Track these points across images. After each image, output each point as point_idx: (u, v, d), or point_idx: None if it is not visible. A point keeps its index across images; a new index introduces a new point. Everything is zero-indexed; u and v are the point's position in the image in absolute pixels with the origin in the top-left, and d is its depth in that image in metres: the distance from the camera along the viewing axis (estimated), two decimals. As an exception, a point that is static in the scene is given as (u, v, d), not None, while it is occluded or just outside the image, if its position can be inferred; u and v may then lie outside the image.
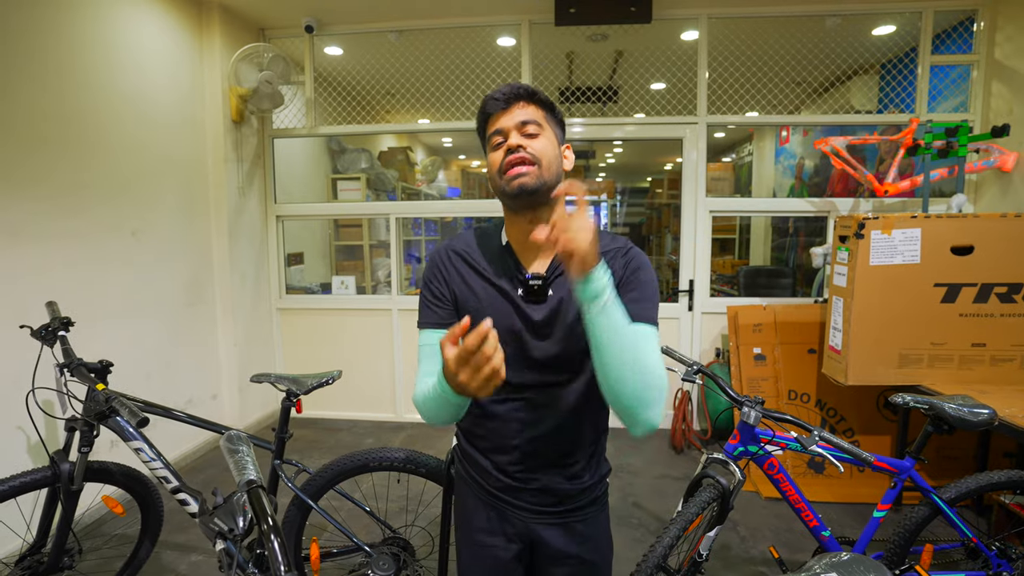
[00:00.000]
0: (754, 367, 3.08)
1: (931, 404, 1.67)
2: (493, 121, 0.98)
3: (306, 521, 1.78)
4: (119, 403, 1.51)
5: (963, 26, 3.32)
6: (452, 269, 1.03)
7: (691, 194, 3.57)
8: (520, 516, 1.06)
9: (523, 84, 0.98)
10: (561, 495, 1.05)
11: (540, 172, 0.93)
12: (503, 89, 0.97)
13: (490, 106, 0.97)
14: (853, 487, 2.77)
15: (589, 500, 1.08)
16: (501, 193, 0.97)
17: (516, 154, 0.93)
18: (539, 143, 0.95)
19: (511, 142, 0.95)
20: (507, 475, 1.04)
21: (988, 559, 1.75)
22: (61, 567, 1.76)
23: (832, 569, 0.74)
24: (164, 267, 3.04)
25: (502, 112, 0.97)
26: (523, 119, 0.96)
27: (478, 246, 1.05)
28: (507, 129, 0.96)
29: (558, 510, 1.05)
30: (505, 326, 0.98)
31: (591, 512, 1.09)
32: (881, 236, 2.40)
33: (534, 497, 1.04)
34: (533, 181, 0.93)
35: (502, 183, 0.95)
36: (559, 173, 0.98)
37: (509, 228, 1.03)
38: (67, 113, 2.46)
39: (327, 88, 3.86)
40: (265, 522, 0.72)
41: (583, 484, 1.06)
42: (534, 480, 1.03)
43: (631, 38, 3.63)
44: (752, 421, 1.60)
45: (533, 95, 0.98)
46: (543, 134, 0.97)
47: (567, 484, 1.05)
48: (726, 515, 1.66)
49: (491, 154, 0.98)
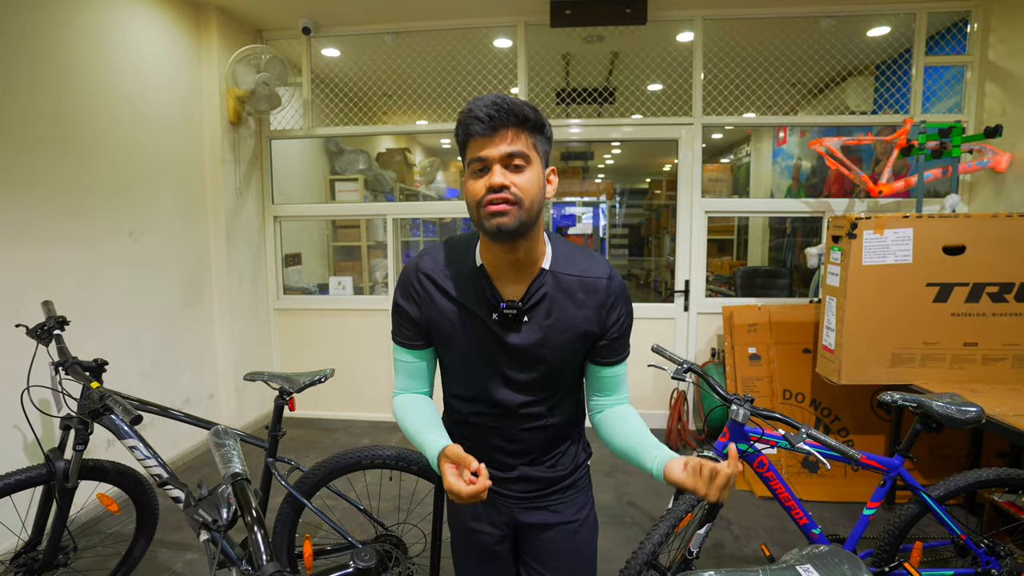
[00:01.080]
0: (749, 367, 3.09)
1: (919, 402, 1.68)
2: (475, 145, 0.89)
3: (299, 519, 1.79)
4: (113, 401, 1.52)
5: (957, 27, 3.34)
6: (423, 291, 1.00)
7: (687, 195, 3.58)
8: (505, 503, 1.11)
9: (513, 104, 0.87)
10: (544, 482, 1.10)
11: (521, 213, 0.88)
12: (489, 107, 0.86)
13: (473, 127, 0.87)
14: (847, 486, 2.78)
15: (571, 483, 1.13)
16: (478, 225, 0.92)
17: (498, 194, 0.87)
18: (524, 178, 0.88)
19: (495, 180, 0.87)
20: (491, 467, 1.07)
21: (977, 556, 1.75)
22: (56, 565, 1.77)
23: (807, 560, 0.75)
24: (162, 267, 3.06)
25: (486, 138, 0.87)
26: (509, 151, 0.87)
27: (448, 266, 1.01)
28: (491, 160, 0.87)
29: (541, 494, 1.10)
30: (480, 349, 1.00)
31: (571, 495, 1.13)
32: (873, 236, 2.42)
33: (517, 485, 1.09)
34: (513, 223, 0.87)
35: (480, 217, 0.89)
36: (541, 204, 0.93)
37: (484, 253, 0.98)
38: (65, 114, 2.48)
39: (324, 89, 3.88)
40: (249, 514, 0.73)
41: (564, 471, 1.11)
42: (515, 471, 1.09)
43: (627, 39, 3.65)
44: (741, 419, 1.61)
45: (524, 121, 0.88)
46: (529, 167, 0.89)
47: (548, 473, 1.10)
48: (716, 513, 1.67)
49: (471, 181, 0.90)
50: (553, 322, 0.97)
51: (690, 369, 1.77)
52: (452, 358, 1.05)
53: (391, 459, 1.72)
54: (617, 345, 1.04)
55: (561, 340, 0.98)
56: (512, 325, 0.97)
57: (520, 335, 0.97)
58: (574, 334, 0.99)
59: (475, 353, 1.00)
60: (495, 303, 0.97)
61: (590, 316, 0.99)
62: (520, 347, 0.98)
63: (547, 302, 0.97)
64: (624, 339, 1.05)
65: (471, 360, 1.02)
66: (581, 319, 0.99)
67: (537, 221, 0.93)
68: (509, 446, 1.07)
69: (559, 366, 1.01)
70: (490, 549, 1.15)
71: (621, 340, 1.04)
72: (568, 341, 0.99)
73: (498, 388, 1.02)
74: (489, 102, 0.86)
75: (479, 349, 1.00)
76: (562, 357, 1.00)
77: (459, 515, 1.17)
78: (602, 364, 1.05)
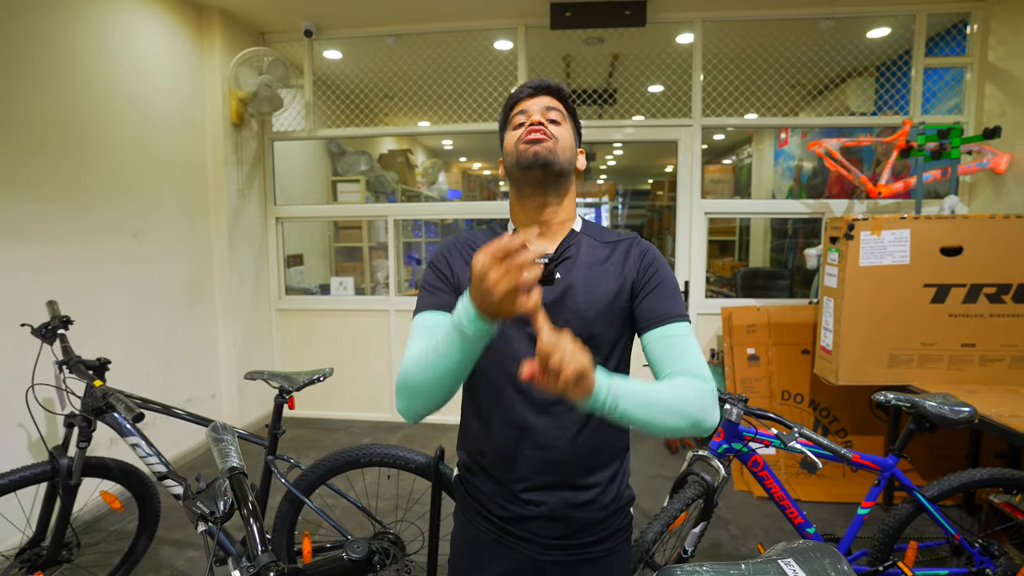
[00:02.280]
0: (748, 368, 3.10)
1: (913, 402, 1.69)
2: (519, 106, 1.00)
3: (298, 516, 1.81)
4: (115, 399, 1.55)
5: (956, 29, 3.34)
6: (460, 258, 0.99)
7: (686, 196, 3.60)
8: (527, 550, 0.94)
9: (554, 82, 1.02)
10: (574, 525, 0.93)
11: (556, 148, 0.94)
12: (535, 81, 1.01)
13: (520, 92, 1.00)
14: (845, 487, 2.79)
15: (606, 533, 0.96)
16: (515, 166, 0.96)
17: (537, 127, 0.94)
18: (559, 129, 0.97)
19: (534, 117, 0.96)
20: (512, 499, 0.94)
21: (972, 556, 1.76)
22: (59, 561, 1.80)
23: (789, 554, 0.77)
24: (164, 268, 3.09)
25: (529, 97, 1.00)
26: (548, 105, 0.99)
27: (485, 237, 1.02)
28: (532, 110, 0.98)
29: (569, 544, 0.94)
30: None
31: (608, 548, 0.96)
32: (871, 237, 2.42)
33: (542, 528, 0.93)
34: (548, 153, 0.92)
35: (517, 153, 0.95)
36: (572, 163, 0.99)
37: (515, 213, 1.02)
38: (69, 116, 2.52)
39: (326, 91, 3.91)
40: (245, 506, 0.75)
41: (599, 512, 0.95)
42: (542, 504, 0.92)
43: (627, 41, 3.66)
44: (734, 418, 1.62)
45: (560, 91, 1.01)
46: (564, 125, 0.99)
47: (580, 511, 0.93)
48: (711, 511, 1.68)
49: (510, 133, 0.99)
50: (585, 276, 0.95)
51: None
52: None
53: (390, 457, 1.74)
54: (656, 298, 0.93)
55: (595, 291, 0.94)
56: (544, 279, 0.93)
57: (551, 288, 0.94)
58: (607, 288, 0.94)
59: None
60: None
61: (622, 274, 0.96)
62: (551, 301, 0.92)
63: (579, 258, 0.97)
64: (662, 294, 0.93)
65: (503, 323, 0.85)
66: (613, 276, 0.96)
67: (569, 176, 0.99)
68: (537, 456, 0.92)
69: (596, 324, 0.92)
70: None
71: (660, 291, 0.93)
72: (602, 294, 0.94)
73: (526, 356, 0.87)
74: (536, 79, 1.02)
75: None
76: (596, 311, 0.92)
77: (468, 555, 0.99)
78: (646, 328, 0.92)
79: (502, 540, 0.96)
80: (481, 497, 0.98)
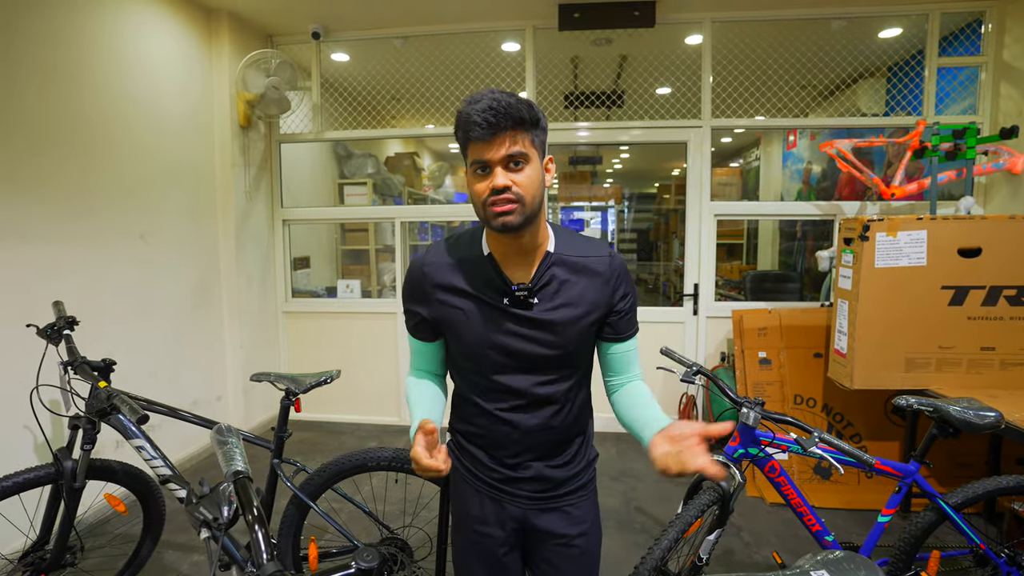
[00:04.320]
0: (759, 371, 3.05)
1: (935, 407, 1.64)
2: (475, 148, 0.92)
3: (304, 520, 1.78)
4: (120, 400, 1.53)
5: (971, 28, 3.29)
6: (428, 289, 1.05)
7: (696, 198, 3.56)
8: (517, 503, 1.11)
9: (506, 104, 0.89)
10: (555, 481, 1.11)
11: (524, 208, 0.93)
12: (485, 112, 0.88)
13: (472, 132, 0.90)
14: (860, 493, 2.73)
15: (580, 484, 1.14)
16: (485, 223, 0.97)
17: (501, 195, 0.91)
18: (524, 176, 0.93)
19: (497, 183, 0.91)
20: (504, 466, 1.10)
21: (998, 567, 1.71)
22: (63, 564, 1.78)
23: (822, 566, 0.73)
24: (171, 270, 3.08)
25: (486, 143, 0.90)
26: (510, 153, 0.91)
27: (453, 258, 1.04)
28: (492, 163, 0.92)
29: (552, 495, 1.11)
30: (492, 334, 1.02)
31: (582, 495, 1.15)
32: (886, 238, 2.38)
33: (530, 485, 1.10)
34: (517, 219, 0.93)
35: (486, 215, 0.95)
36: (542, 196, 0.98)
37: (491, 242, 1.03)
38: (77, 117, 2.51)
39: (334, 94, 3.90)
40: (250, 512, 0.72)
41: (574, 470, 1.13)
42: (529, 469, 1.10)
43: (635, 42, 3.64)
44: (751, 422, 1.58)
45: (521, 123, 0.91)
46: (528, 164, 0.94)
47: (560, 471, 1.11)
48: (727, 518, 1.64)
49: (474, 183, 0.95)
50: (563, 300, 1.02)
51: (699, 372, 1.75)
52: (464, 348, 1.06)
53: (397, 461, 1.71)
54: (625, 320, 1.08)
55: (571, 315, 1.02)
56: (524, 306, 1.01)
57: (531, 314, 1.01)
58: (583, 309, 1.03)
59: (487, 340, 1.03)
60: (506, 287, 1.01)
61: (597, 293, 1.04)
62: (532, 325, 1.01)
63: (555, 282, 1.02)
64: (632, 315, 1.10)
65: (484, 347, 1.03)
66: (589, 296, 1.03)
67: (539, 212, 0.99)
68: (522, 440, 1.08)
69: (571, 344, 1.04)
70: (499, 559, 1.14)
71: (629, 316, 1.09)
72: (578, 316, 1.03)
73: (511, 374, 1.04)
74: (485, 107, 0.88)
75: (491, 334, 1.02)
76: (573, 332, 1.03)
77: (466, 519, 1.16)
78: (613, 340, 1.09)
79: (495, 496, 1.13)
80: (475, 463, 1.14)
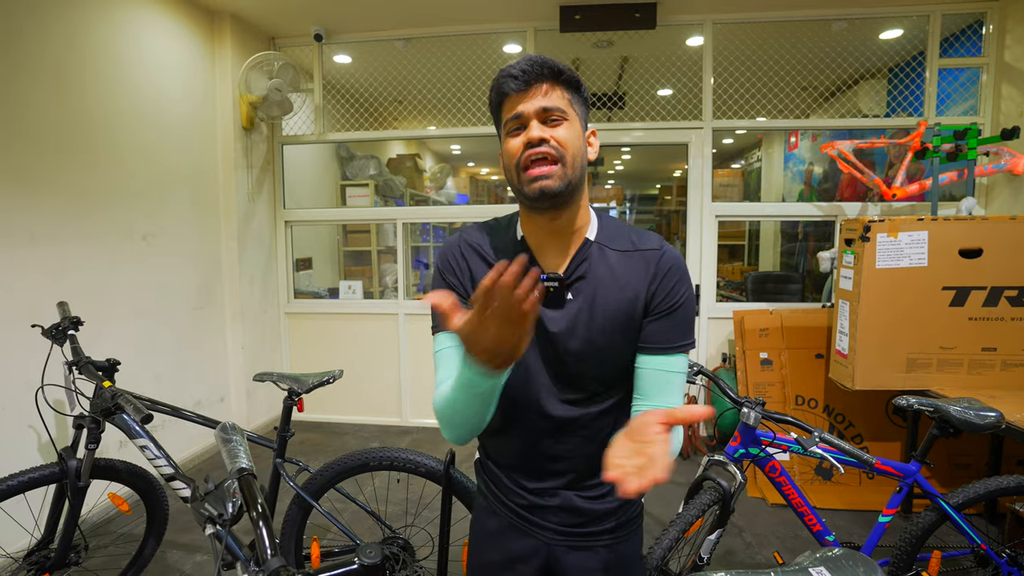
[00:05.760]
0: (760, 372, 3.05)
1: (936, 407, 1.64)
2: (510, 103, 0.84)
3: (307, 520, 1.79)
4: (124, 400, 1.54)
5: (972, 29, 3.30)
6: (465, 264, 0.92)
7: (697, 199, 3.56)
8: (543, 536, 0.96)
9: (544, 58, 0.83)
10: (587, 515, 0.95)
11: (564, 171, 0.81)
12: (522, 63, 0.82)
13: (506, 85, 0.83)
14: (861, 494, 2.73)
15: (616, 523, 0.97)
16: (519, 192, 0.85)
17: (538, 148, 0.81)
18: (563, 132, 0.82)
19: (532, 135, 0.81)
20: (529, 492, 0.96)
21: (999, 567, 1.71)
22: (68, 563, 1.79)
23: (821, 563, 0.74)
24: (174, 270, 3.09)
25: (521, 94, 0.82)
26: (545, 105, 0.82)
27: (490, 239, 0.94)
28: (527, 115, 0.82)
29: (583, 532, 0.96)
30: None
31: (619, 537, 0.97)
32: (887, 239, 2.38)
33: (557, 516, 0.95)
34: (557, 184, 0.81)
35: (521, 183, 0.83)
36: (584, 164, 0.86)
37: (525, 223, 0.92)
38: (80, 119, 2.53)
39: (336, 95, 3.92)
40: (254, 509, 0.73)
41: (608, 504, 0.96)
42: (555, 495, 0.95)
43: (636, 44, 3.65)
44: (752, 422, 1.58)
45: (559, 74, 0.83)
46: (568, 122, 0.83)
47: (593, 504, 0.95)
48: (728, 518, 1.64)
49: (507, 140, 0.85)
50: (598, 299, 0.87)
51: (700, 372, 1.75)
52: None
53: (399, 461, 1.71)
54: (667, 324, 0.86)
55: (606, 320, 0.86)
56: (554, 301, 0.87)
57: (562, 311, 0.87)
58: (621, 311, 0.86)
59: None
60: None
61: (638, 291, 0.87)
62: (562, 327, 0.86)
63: (592, 276, 0.87)
64: (673, 322, 0.86)
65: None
66: (629, 294, 0.87)
67: (581, 183, 0.86)
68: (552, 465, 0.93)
69: (604, 354, 0.87)
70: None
71: (669, 322, 0.86)
72: (615, 321, 0.86)
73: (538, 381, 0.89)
74: (523, 60, 0.82)
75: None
76: (607, 340, 0.86)
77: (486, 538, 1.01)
78: (643, 352, 0.87)
79: (518, 525, 0.98)
80: (500, 485, 1.00)
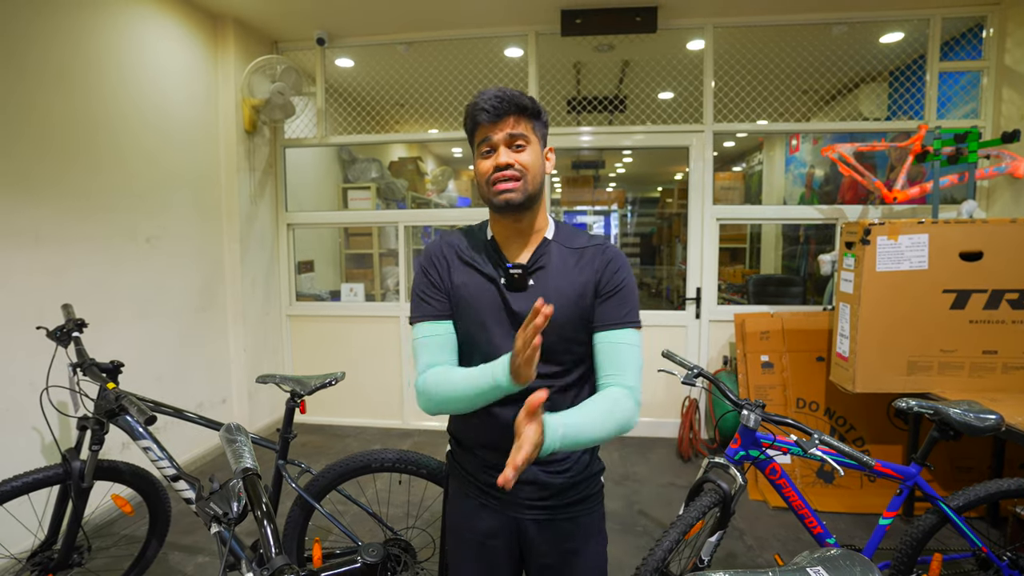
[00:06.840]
0: (761, 375, 3.05)
1: (936, 409, 1.65)
2: (482, 131, 1.02)
3: (309, 521, 1.80)
4: (128, 401, 1.55)
5: (972, 32, 3.31)
6: (445, 262, 1.09)
7: (698, 202, 3.57)
8: (512, 511, 1.08)
9: (511, 94, 1.00)
10: (552, 488, 1.07)
11: (525, 186, 1.01)
12: (491, 99, 0.99)
13: (480, 116, 1.01)
14: (862, 497, 2.73)
15: (580, 496, 1.09)
16: (488, 201, 1.04)
17: (504, 172, 1.00)
18: (526, 156, 1.01)
19: (500, 160, 1.00)
20: (495, 468, 1.05)
21: (1000, 569, 1.71)
22: (71, 564, 1.79)
23: (818, 563, 0.74)
24: (177, 273, 3.11)
25: (492, 124, 1.01)
26: (512, 132, 1.00)
27: (466, 240, 1.12)
28: (496, 141, 1.01)
29: (549, 504, 1.07)
30: (491, 312, 1.05)
31: (581, 510, 1.10)
32: (887, 242, 2.39)
33: (523, 491, 1.06)
34: (519, 196, 1.00)
35: (490, 194, 1.02)
36: (543, 178, 1.06)
37: (494, 225, 1.11)
38: (84, 122, 2.55)
39: (338, 99, 3.94)
40: (259, 508, 0.74)
41: (571, 479, 1.08)
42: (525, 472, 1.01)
43: (637, 48, 3.66)
44: (752, 424, 1.59)
45: (524, 109, 1.01)
46: (529, 147, 1.02)
47: (556, 478, 1.07)
48: (728, 520, 1.64)
49: (480, 161, 1.04)
50: (556, 284, 1.04)
51: (700, 374, 1.76)
52: (467, 326, 1.07)
53: (401, 462, 1.72)
54: (613, 303, 1.04)
55: (564, 300, 1.03)
56: (519, 285, 1.04)
57: (525, 294, 1.04)
58: (576, 294, 1.04)
59: (487, 318, 1.05)
60: (503, 266, 1.06)
61: (589, 277, 1.05)
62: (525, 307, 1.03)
63: (550, 267, 1.06)
64: (619, 301, 1.04)
65: (485, 326, 1.05)
66: (582, 279, 1.05)
67: (540, 194, 1.06)
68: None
69: (564, 332, 1.03)
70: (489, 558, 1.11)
71: (618, 298, 1.04)
72: (571, 302, 1.03)
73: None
74: (492, 95, 1.00)
75: (491, 312, 1.05)
76: (566, 319, 1.02)
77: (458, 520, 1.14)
78: (598, 329, 1.04)
79: (487, 504, 1.10)
80: (468, 466, 1.13)
